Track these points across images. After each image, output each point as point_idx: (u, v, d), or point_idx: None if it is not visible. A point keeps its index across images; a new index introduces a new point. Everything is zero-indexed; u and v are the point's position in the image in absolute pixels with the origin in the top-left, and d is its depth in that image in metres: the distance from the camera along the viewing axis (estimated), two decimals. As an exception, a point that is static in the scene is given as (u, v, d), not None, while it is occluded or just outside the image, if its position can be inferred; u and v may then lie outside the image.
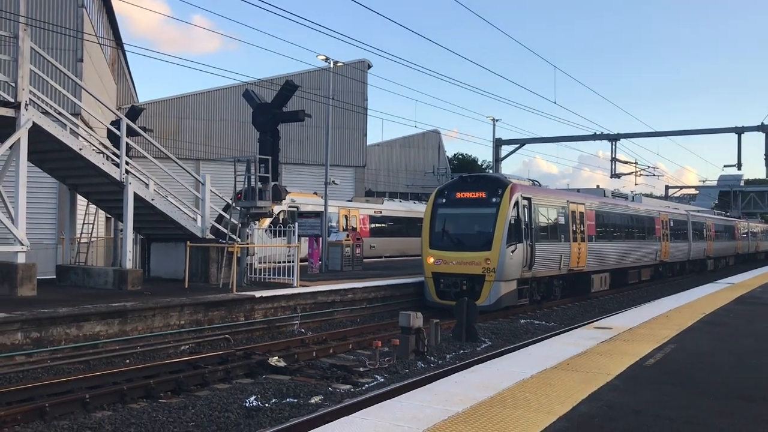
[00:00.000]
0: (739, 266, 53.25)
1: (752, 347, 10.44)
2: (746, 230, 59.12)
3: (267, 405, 10.71)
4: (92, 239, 20.71)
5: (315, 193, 33.02)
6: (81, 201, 20.31)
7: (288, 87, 18.10)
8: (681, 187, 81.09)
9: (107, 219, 28.62)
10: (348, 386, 12.09)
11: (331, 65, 26.31)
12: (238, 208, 18.78)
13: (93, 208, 20.00)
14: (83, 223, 19.82)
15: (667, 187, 75.64)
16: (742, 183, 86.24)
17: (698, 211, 47.61)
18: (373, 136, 49.24)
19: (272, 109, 18.17)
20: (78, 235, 19.54)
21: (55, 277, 18.91)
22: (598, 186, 45.58)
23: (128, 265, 16.81)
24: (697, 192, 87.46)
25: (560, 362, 8.80)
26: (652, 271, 34.61)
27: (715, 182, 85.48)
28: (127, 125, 17.39)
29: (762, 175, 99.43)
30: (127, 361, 13.33)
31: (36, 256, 18.52)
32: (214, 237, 19.17)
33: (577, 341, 10.68)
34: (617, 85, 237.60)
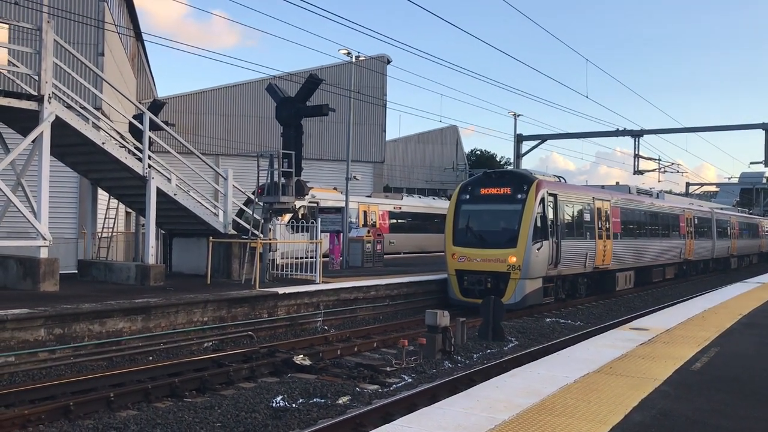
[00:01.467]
0: (764, 265, 52.46)
1: (800, 351, 10.04)
2: (770, 228, 58.21)
3: (294, 405, 10.45)
4: (113, 234, 20.59)
5: (335, 189, 32.76)
6: (102, 195, 20.18)
7: (312, 80, 17.82)
8: (702, 184, 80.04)
9: (126, 213, 28.60)
10: (375, 386, 11.80)
11: (353, 59, 25.99)
12: (261, 203, 18.53)
13: (114, 202, 19.83)
14: (105, 218, 19.68)
15: (687, 184, 74.59)
16: (764, 180, 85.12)
17: (721, 209, 46.90)
18: (390, 131, 49.03)
19: (296, 103, 17.89)
20: (100, 230, 19.40)
21: (76, 271, 18.78)
22: (617, 183, 45.00)
23: (151, 260, 16.63)
24: (718, 189, 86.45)
25: (602, 366, 8.46)
26: (676, 269, 34.06)
27: (737, 179, 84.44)
28: (150, 119, 17.18)
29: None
30: (150, 358, 13.13)
31: (57, 250, 18.44)
32: (236, 232, 18.93)
33: (615, 343, 10.32)
34: (642, 79, 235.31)
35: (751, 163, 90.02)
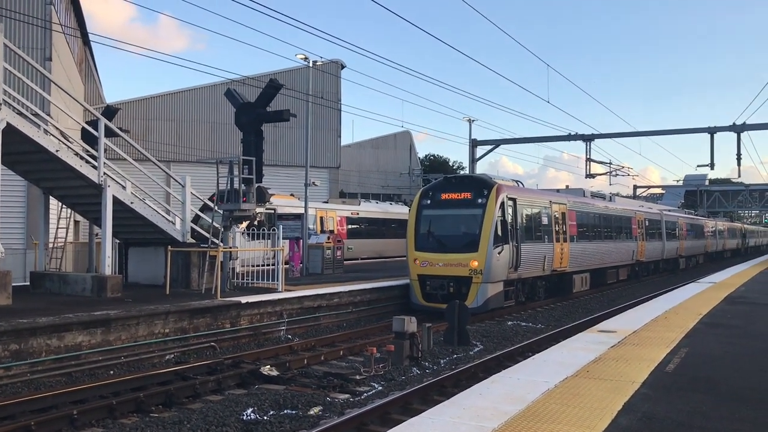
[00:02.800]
0: (709, 264, 53.96)
1: (765, 350, 10.26)
2: (714, 229, 59.97)
3: (265, 417, 10.22)
4: (65, 244, 19.91)
5: (292, 195, 32.46)
6: (53, 204, 19.52)
7: (272, 85, 17.57)
8: (649, 187, 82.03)
9: (76, 223, 27.78)
10: (346, 395, 11.64)
11: (310, 64, 25.78)
12: (220, 211, 18.17)
13: (66, 211, 19.19)
14: (57, 228, 19.03)
15: (635, 187, 76.39)
16: (706, 183, 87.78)
17: (670, 211, 48.08)
18: (344, 137, 48.85)
19: (256, 109, 17.62)
20: (52, 240, 18.75)
21: (28, 284, 18.11)
22: (567, 186, 45.74)
23: (107, 271, 16.12)
24: (664, 191, 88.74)
25: (579, 369, 8.48)
26: (629, 270, 34.75)
27: (681, 181, 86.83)
28: (105, 126, 16.67)
29: (724, 175, 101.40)
30: (111, 372, 12.71)
31: (5, 262, 17.73)
32: (194, 241, 18.52)
33: (587, 346, 10.38)
34: (593, 84, 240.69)
35: (698, 165, 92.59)
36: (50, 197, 18.17)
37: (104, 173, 16.12)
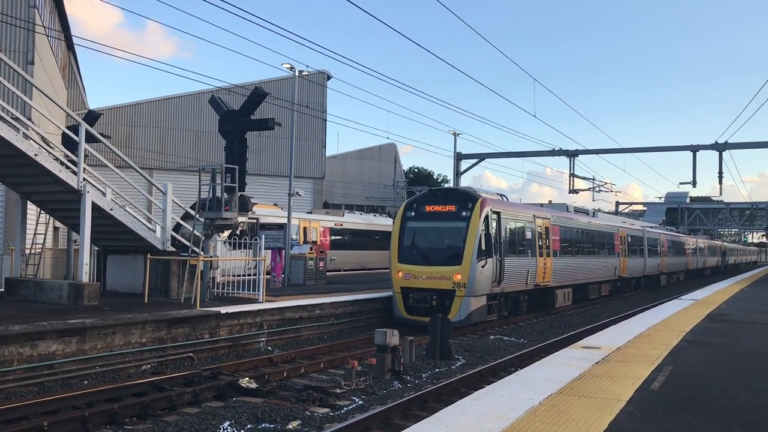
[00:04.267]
0: (690, 282, 54.28)
1: (749, 368, 10.19)
2: (695, 246, 60.36)
3: (242, 431, 9.99)
4: (39, 250, 19.54)
5: (275, 205, 32.21)
6: (30, 210, 19.18)
7: (257, 94, 17.38)
8: (631, 203, 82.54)
9: (54, 229, 27.34)
10: (326, 409, 11.41)
11: (296, 74, 25.64)
12: (201, 219, 17.92)
13: (44, 217, 18.86)
14: (34, 234, 18.69)
15: (617, 203, 76.81)
16: (687, 200, 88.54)
17: (651, 227, 48.32)
18: (329, 148, 48.62)
19: (240, 117, 17.41)
20: (29, 246, 18.39)
21: (2, 290, 17.73)
22: (550, 201, 45.80)
23: (84, 278, 15.81)
24: (645, 208, 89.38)
25: (563, 387, 8.35)
26: (610, 286, 34.82)
27: (662, 198, 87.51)
28: (86, 131, 16.40)
29: (704, 193, 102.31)
30: (86, 382, 12.40)
31: (-21, 268, 17.40)
32: (174, 249, 18.24)
33: (570, 362, 10.26)
34: (579, 99, 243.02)
35: (681, 183, 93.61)
36: (28, 202, 17.84)
37: (84, 179, 15.85)
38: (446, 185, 68.10)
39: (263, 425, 10.30)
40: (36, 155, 14.73)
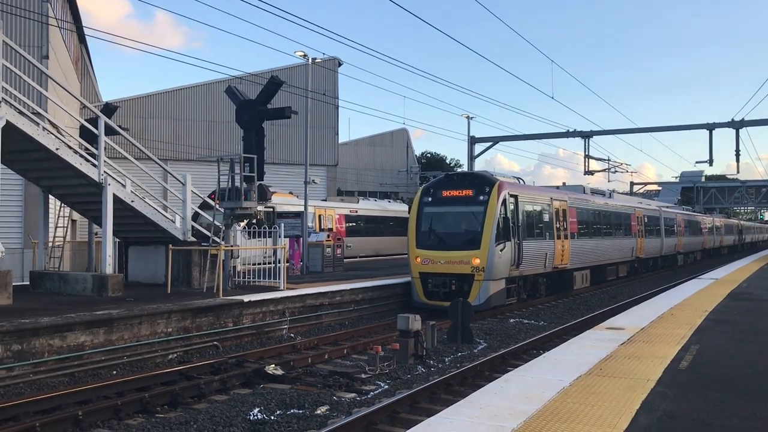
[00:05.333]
0: (707, 261, 54.05)
1: (776, 347, 10.20)
2: (711, 225, 60.01)
3: (272, 417, 10.09)
4: (60, 243, 19.73)
5: (291, 193, 32.32)
6: (51, 203, 19.35)
7: (273, 82, 17.41)
8: (645, 183, 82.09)
9: (72, 221, 27.58)
10: (352, 394, 11.52)
11: (309, 61, 25.62)
12: (221, 209, 18.03)
13: (66, 210, 19.03)
14: (56, 227, 18.87)
15: (632, 184, 76.41)
16: (703, 179, 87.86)
17: (668, 207, 48.07)
18: (341, 134, 48.53)
19: (257, 106, 17.46)
20: (51, 239, 18.58)
21: (26, 283, 17.96)
22: (564, 183, 45.69)
23: (108, 270, 15.97)
24: (660, 188, 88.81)
25: (592, 368, 8.39)
26: (628, 267, 34.71)
27: (677, 178, 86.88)
28: (104, 123, 16.51)
29: (719, 171, 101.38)
30: (114, 372, 12.58)
31: (3, 261, 17.57)
32: (195, 239, 18.38)
33: (596, 343, 10.29)
34: (595, 80, 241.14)
35: (697, 162, 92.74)
36: (49, 196, 18.01)
37: (104, 171, 15.98)
38: (459, 169, 68.01)
39: (292, 411, 10.40)
40: (57, 149, 14.86)
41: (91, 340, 12.64)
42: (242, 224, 20.34)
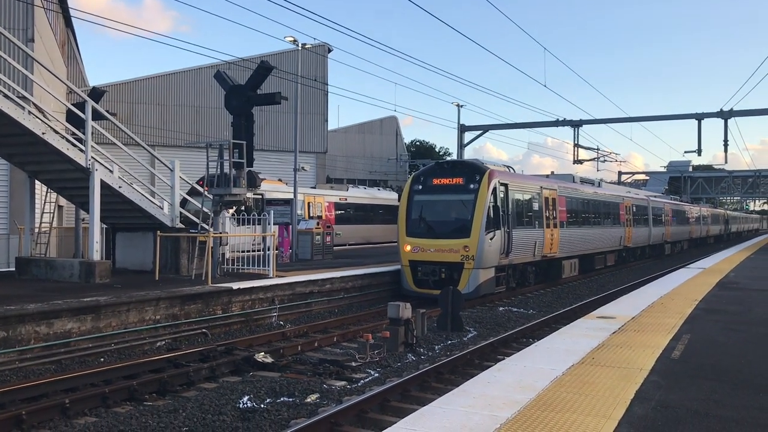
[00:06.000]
0: (694, 250, 54.37)
1: (766, 335, 10.20)
2: (698, 215, 60.33)
3: (262, 405, 10.02)
4: (46, 229, 19.51)
5: (280, 180, 32.13)
6: (38, 188, 19.08)
7: (263, 67, 17.23)
8: (633, 173, 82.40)
9: (59, 207, 27.30)
10: (342, 382, 11.46)
11: (299, 47, 25.40)
12: (210, 195, 17.86)
13: (52, 196, 18.80)
14: (42, 213, 18.64)
15: (620, 173, 76.66)
16: (690, 169, 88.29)
17: (655, 197, 48.23)
18: (330, 121, 48.20)
19: (246, 92, 17.27)
20: (37, 225, 18.36)
21: (12, 269, 17.75)
22: (552, 172, 45.75)
23: (95, 256, 15.80)
24: (648, 177, 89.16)
25: (584, 357, 8.36)
26: (616, 256, 34.83)
27: (665, 168, 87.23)
28: (92, 108, 16.27)
29: (705, 161, 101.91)
30: (102, 359, 12.47)
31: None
32: (183, 226, 18.21)
33: (587, 332, 10.28)
34: (586, 68, 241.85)
35: (686, 151, 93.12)
36: (35, 181, 17.77)
37: (92, 157, 15.76)
38: (449, 157, 67.91)
39: (282, 399, 10.34)
40: (44, 134, 14.63)
41: (78, 327, 12.50)
42: (231, 211, 20.16)
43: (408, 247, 20.92)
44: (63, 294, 13.39)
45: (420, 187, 21.60)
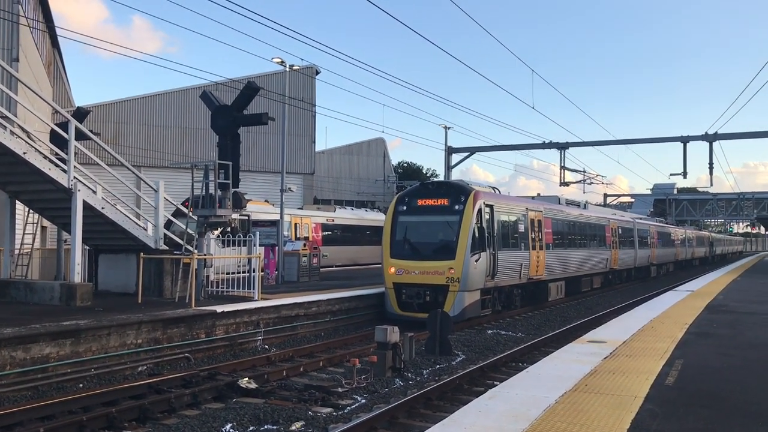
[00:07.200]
0: (679, 272, 54.46)
1: (761, 361, 10.07)
2: (683, 237, 60.58)
3: (246, 433, 9.75)
4: (28, 251, 19.17)
5: (266, 201, 31.89)
6: (18, 209, 18.74)
7: (250, 88, 17.07)
8: (619, 195, 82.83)
9: (43, 228, 26.90)
10: (329, 409, 11.19)
11: (287, 68, 25.32)
12: (195, 216, 17.59)
13: (35, 216, 18.46)
14: (23, 234, 18.29)
15: (605, 195, 77.09)
16: (675, 191, 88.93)
17: (641, 219, 48.38)
18: (317, 143, 48.24)
19: (233, 112, 17.09)
20: (18, 246, 18.00)
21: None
22: (538, 194, 45.88)
23: (77, 278, 15.48)
24: (633, 200, 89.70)
25: (577, 383, 8.16)
26: (602, 278, 34.73)
27: (650, 190, 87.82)
28: (75, 128, 16.03)
29: (690, 184, 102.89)
30: (81, 385, 12.12)
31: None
32: (167, 248, 17.92)
33: (579, 357, 10.09)
34: (573, 92, 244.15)
35: (671, 174, 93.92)
36: (17, 202, 17.44)
37: (74, 177, 15.49)
38: (436, 179, 67.92)
39: (266, 427, 10.08)
40: (25, 153, 14.37)
41: (56, 352, 12.16)
42: (216, 232, 19.91)
43: (392, 269, 20.61)
44: (42, 317, 13.04)
45: (404, 207, 21.36)
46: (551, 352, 12.06)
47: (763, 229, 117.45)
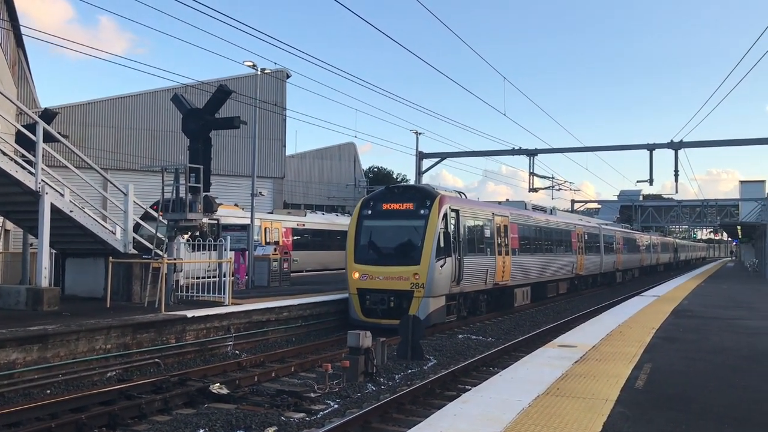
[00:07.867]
0: (644, 278, 55.32)
1: (726, 365, 10.30)
2: (648, 243, 61.54)
3: (218, 439, 9.69)
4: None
5: (236, 205, 31.70)
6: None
7: (222, 91, 16.97)
8: (586, 201, 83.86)
9: (6, 232, 26.39)
10: (301, 414, 11.18)
11: (259, 72, 25.22)
12: (165, 220, 17.43)
13: (-1, 220, 18.14)
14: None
15: (573, 201, 77.97)
16: (641, 198, 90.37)
17: (607, 225, 49.03)
18: (288, 147, 48.03)
19: (204, 115, 16.98)
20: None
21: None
22: (507, 200, 46.27)
23: (44, 282, 15.22)
24: (600, 206, 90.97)
25: (549, 387, 8.28)
26: (568, 284, 35.02)
27: (616, 197, 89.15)
28: (43, 130, 15.78)
29: (656, 191, 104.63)
30: (48, 391, 11.93)
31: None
32: (137, 252, 17.72)
33: (550, 362, 10.22)
34: (542, 98, 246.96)
35: (638, 181, 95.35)
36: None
37: (42, 180, 15.26)
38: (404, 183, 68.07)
39: (238, 432, 10.02)
40: (-9, 155, 14.11)
41: (23, 358, 11.96)
42: (186, 236, 19.74)
43: (356, 275, 20.34)
44: (8, 322, 12.81)
45: (369, 212, 21.14)
46: (522, 356, 12.19)
47: (725, 236, 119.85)
